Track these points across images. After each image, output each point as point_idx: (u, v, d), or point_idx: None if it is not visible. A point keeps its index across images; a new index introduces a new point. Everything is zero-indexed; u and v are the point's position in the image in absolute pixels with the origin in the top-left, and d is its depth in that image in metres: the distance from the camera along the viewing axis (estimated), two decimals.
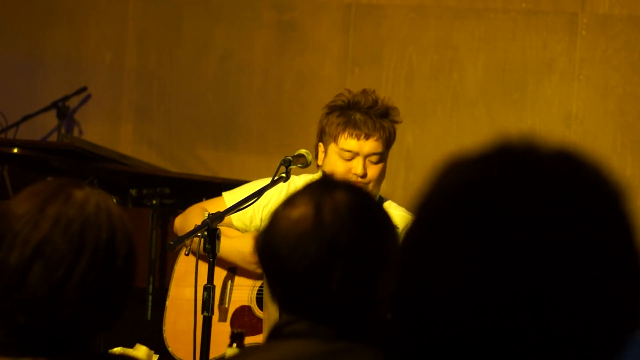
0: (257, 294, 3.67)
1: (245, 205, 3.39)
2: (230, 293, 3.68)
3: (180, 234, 3.66)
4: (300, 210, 1.87)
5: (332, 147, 3.54)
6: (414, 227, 1.12)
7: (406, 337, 1.10)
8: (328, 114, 3.55)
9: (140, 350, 3.10)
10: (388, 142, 3.55)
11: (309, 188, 1.94)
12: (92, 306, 1.73)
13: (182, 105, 5.71)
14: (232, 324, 3.63)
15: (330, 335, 1.83)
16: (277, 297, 1.91)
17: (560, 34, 5.18)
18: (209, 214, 3.22)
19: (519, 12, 5.23)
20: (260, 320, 3.65)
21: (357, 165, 3.50)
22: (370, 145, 3.51)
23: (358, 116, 3.51)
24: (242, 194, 3.57)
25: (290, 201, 1.91)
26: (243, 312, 3.67)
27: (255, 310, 3.67)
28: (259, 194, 3.39)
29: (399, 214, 3.43)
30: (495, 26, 5.25)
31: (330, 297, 1.84)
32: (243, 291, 3.68)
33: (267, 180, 3.57)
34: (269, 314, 3.38)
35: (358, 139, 3.50)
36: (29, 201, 1.76)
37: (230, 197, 3.64)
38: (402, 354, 1.11)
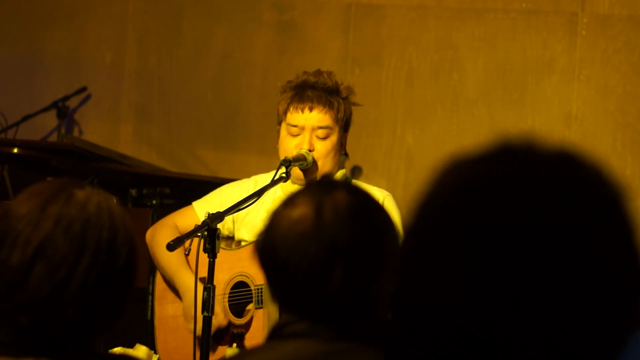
0: (229, 301, 3.52)
1: (245, 205, 3.38)
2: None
3: (150, 247, 3.63)
4: (301, 210, 1.86)
5: (283, 126, 3.51)
6: (415, 227, 1.12)
7: (406, 337, 1.10)
8: (281, 94, 3.53)
9: (140, 350, 3.10)
10: (337, 117, 3.46)
11: (309, 188, 1.94)
12: (93, 306, 1.73)
13: (182, 105, 5.71)
14: (213, 339, 3.51)
15: (330, 335, 1.83)
16: (277, 297, 1.90)
17: (560, 34, 5.18)
18: (208, 214, 3.20)
19: (519, 12, 5.23)
20: (237, 327, 3.53)
21: (303, 140, 3.45)
22: (315, 117, 3.44)
23: (306, 91, 3.46)
24: (212, 201, 3.54)
25: (290, 201, 1.91)
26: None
27: (232, 319, 3.51)
28: (259, 194, 3.38)
29: (375, 194, 3.40)
30: (495, 26, 5.25)
31: (331, 297, 1.83)
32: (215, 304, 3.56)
33: (237, 185, 3.56)
34: (269, 314, 3.37)
35: (302, 112, 3.44)
36: (31, 201, 1.76)
37: (200, 206, 3.58)
38: (402, 354, 1.11)
